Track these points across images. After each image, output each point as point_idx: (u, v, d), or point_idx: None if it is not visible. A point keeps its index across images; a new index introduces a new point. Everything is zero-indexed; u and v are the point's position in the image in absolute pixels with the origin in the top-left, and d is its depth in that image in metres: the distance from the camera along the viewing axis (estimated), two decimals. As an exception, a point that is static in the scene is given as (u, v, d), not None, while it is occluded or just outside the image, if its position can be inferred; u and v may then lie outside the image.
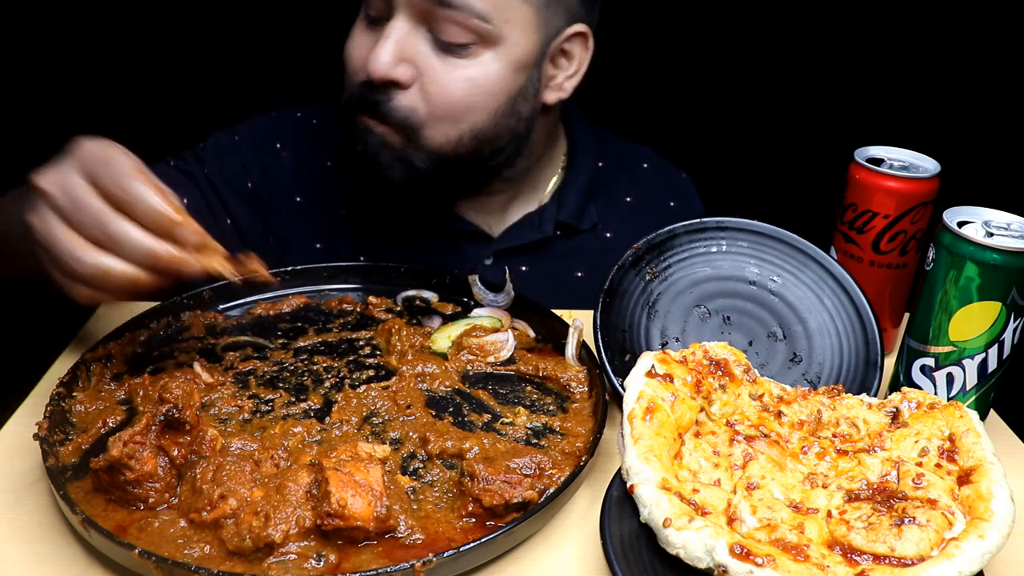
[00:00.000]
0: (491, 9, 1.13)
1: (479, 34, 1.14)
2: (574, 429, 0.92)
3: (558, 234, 1.38)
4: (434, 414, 0.93)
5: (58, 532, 0.77)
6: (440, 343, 1.06)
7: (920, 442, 0.79)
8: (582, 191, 1.39)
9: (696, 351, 0.89)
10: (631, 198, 1.45)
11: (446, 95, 1.16)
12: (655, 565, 0.70)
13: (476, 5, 1.11)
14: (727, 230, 1.07)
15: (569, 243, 1.39)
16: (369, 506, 0.73)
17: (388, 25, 1.14)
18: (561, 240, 1.38)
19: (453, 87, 1.16)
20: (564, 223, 1.37)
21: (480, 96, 1.18)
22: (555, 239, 1.38)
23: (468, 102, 1.17)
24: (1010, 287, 0.88)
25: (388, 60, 1.13)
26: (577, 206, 1.38)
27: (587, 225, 1.39)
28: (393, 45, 1.13)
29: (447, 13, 1.11)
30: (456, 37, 1.13)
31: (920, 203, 1.04)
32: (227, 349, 1.04)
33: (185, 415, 0.79)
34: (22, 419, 0.92)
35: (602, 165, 1.44)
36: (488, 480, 0.77)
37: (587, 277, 1.38)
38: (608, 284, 1.02)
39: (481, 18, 1.12)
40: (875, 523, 0.70)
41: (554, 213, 1.37)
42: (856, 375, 0.99)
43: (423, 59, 1.15)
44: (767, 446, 0.80)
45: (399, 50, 1.14)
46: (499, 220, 1.38)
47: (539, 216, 1.37)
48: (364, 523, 0.72)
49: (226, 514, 0.73)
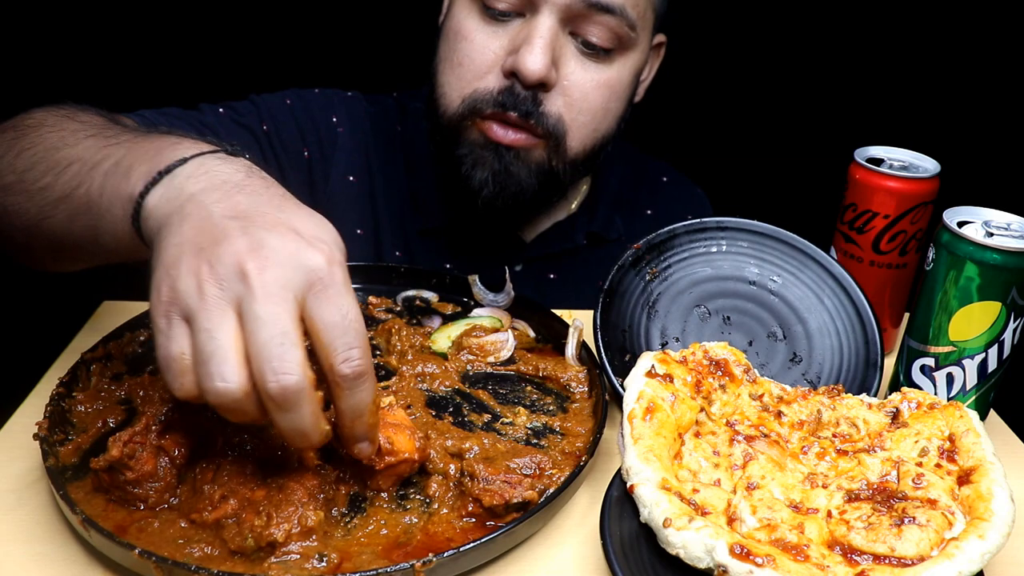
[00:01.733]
0: (637, 17, 1.13)
1: (622, 40, 1.13)
2: (574, 429, 0.92)
3: (586, 243, 1.38)
4: (434, 414, 0.93)
5: (58, 532, 0.77)
6: (440, 343, 1.06)
7: (920, 442, 0.79)
8: (610, 202, 1.40)
9: (696, 351, 0.89)
10: (651, 210, 1.45)
11: (588, 101, 1.13)
12: (655, 565, 0.70)
13: (631, 12, 1.11)
14: (727, 230, 1.07)
15: (596, 253, 1.39)
16: (410, 438, 0.79)
17: (535, 22, 1.08)
18: (587, 250, 1.38)
19: (594, 93, 1.13)
20: (593, 233, 1.38)
21: (614, 102, 1.17)
22: (583, 248, 1.38)
23: (606, 107, 1.16)
24: (1010, 287, 0.88)
25: (547, 61, 1.07)
26: (606, 217, 1.39)
27: (614, 236, 1.39)
28: (547, 45, 1.08)
29: (602, 18, 1.09)
30: (604, 42, 1.11)
31: (920, 203, 1.04)
32: (227, 349, 1.04)
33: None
34: (22, 419, 0.92)
35: (626, 177, 1.44)
36: (488, 480, 0.77)
37: None
38: (608, 284, 1.02)
39: (631, 26, 1.12)
40: (875, 523, 0.70)
41: (585, 223, 1.37)
42: (856, 375, 0.99)
43: (567, 63, 1.12)
44: (767, 446, 0.80)
45: (552, 50, 1.09)
46: (532, 228, 1.37)
47: (570, 225, 1.37)
48: (411, 454, 0.78)
49: (227, 514, 0.73)
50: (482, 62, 1.12)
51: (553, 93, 1.12)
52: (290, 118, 1.29)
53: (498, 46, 1.11)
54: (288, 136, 1.28)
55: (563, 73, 1.12)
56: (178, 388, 0.65)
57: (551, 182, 1.18)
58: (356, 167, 1.32)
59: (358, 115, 1.35)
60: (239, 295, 0.62)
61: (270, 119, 1.27)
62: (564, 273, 1.37)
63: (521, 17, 1.11)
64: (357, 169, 1.32)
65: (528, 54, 1.07)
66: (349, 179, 1.31)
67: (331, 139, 1.32)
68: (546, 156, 1.15)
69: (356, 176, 1.32)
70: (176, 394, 0.65)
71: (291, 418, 0.63)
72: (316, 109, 1.32)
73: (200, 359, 0.62)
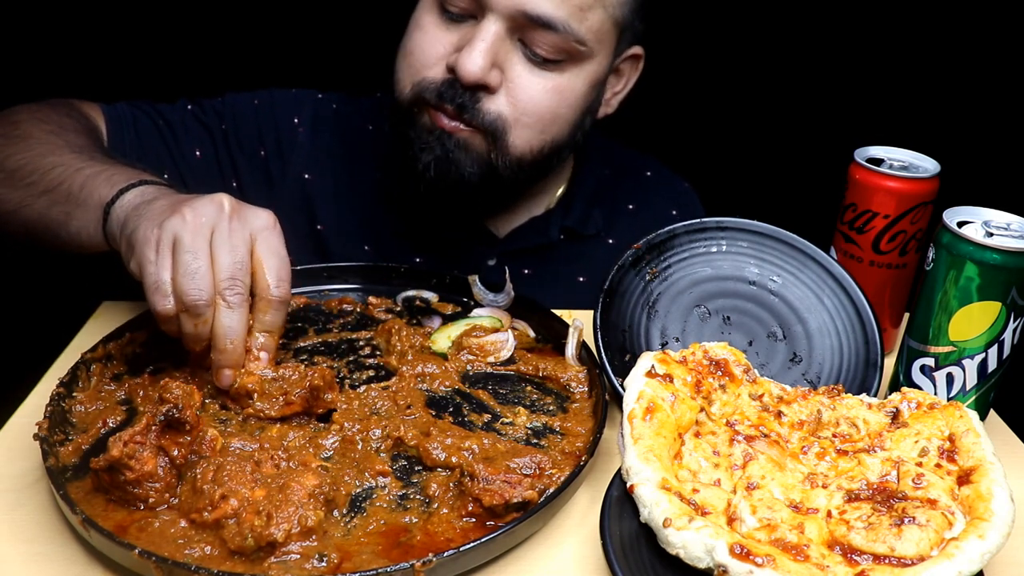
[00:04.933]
0: (588, 33, 1.14)
1: (571, 53, 1.15)
2: (574, 429, 0.92)
3: (562, 239, 1.38)
4: (434, 414, 0.93)
5: (58, 532, 0.77)
6: (440, 343, 1.06)
7: (920, 442, 0.79)
8: (588, 198, 1.40)
9: (696, 351, 0.89)
10: (633, 205, 1.46)
11: (534, 105, 1.16)
12: (655, 565, 0.70)
13: (577, 29, 1.13)
14: (727, 230, 1.07)
15: (572, 248, 1.40)
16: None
17: (480, 27, 1.12)
18: (565, 245, 1.39)
19: (541, 98, 1.16)
20: (569, 228, 1.38)
21: (565, 109, 1.19)
22: (559, 244, 1.38)
23: (554, 113, 1.18)
24: (1010, 287, 0.88)
25: (483, 64, 1.11)
26: (582, 212, 1.39)
27: (591, 231, 1.40)
28: (488, 49, 1.11)
29: (544, 33, 1.12)
30: (550, 54, 1.14)
31: (920, 203, 1.04)
32: (227, 349, 1.04)
33: (185, 415, 0.79)
34: (22, 419, 0.92)
35: (607, 172, 1.45)
36: (488, 480, 0.77)
37: (589, 282, 1.39)
38: (608, 284, 1.02)
39: (579, 41, 1.14)
40: (875, 523, 0.70)
41: (560, 218, 1.38)
42: (856, 375, 0.99)
43: (512, 67, 1.15)
44: (767, 446, 0.80)
45: (493, 55, 1.12)
46: (506, 222, 1.38)
47: (545, 221, 1.38)
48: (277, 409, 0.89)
49: (227, 514, 0.73)
50: (431, 53, 1.17)
51: (498, 94, 1.15)
52: (252, 118, 1.36)
53: (448, 42, 1.16)
54: (245, 135, 1.36)
55: (509, 76, 1.15)
56: (162, 308, 0.86)
57: (492, 176, 1.20)
58: (315, 166, 1.38)
59: (324, 115, 1.40)
60: (214, 226, 0.87)
61: (231, 119, 1.35)
62: (539, 268, 1.37)
63: (474, 19, 1.14)
64: (316, 167, 1.37)
65: (467, 55, 1.11)
66: (305, 176, 1.36)
67: (290, 139, 1.37)
68: (486, 149, 1.18)
69: (313, 174, 1.37)
70: (159, 313, 0.86)
71: (230, 316, 0.87)
72: (281, 109, 1.38)
73: (185, 273, 0.85)
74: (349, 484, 0.81)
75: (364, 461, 0.84)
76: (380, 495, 0.81)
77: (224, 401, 0.91)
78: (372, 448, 0.86)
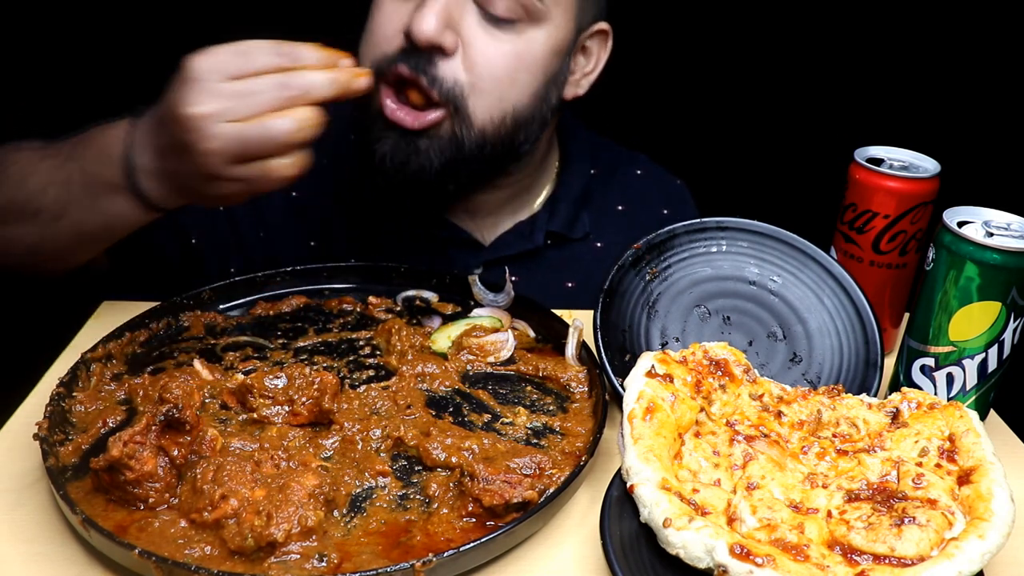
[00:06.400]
0: None
1: (528, 11, 1.12)
2: (574, 429, 0.92)
3: (549, 244, 1.36)
4: (434, 414, 0.93)
5: (58, 532, 0.77)
6: (440, 343, 1.06)
7: (920, 442, 0.79)
8: (574, 200, 1.38)
9: (696, 351, 0.89)
10: (623, 206, 1.43)
11: (491, 67, 1.13)
12: (655, 565, 0.70)
13: None
14: (727, 230, 1.07)
15: (560, 253, 1.37)
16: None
17: None
18: (552, 250, 1.36)
19: (498, 59, 1.13)
20: (555, 233, 1.36)
21: (522, 72, 1.16)
22: (546, 249, 1.36)
23: (512, 76, 1.15)
24: (1010, 287, 0.88)
25: (436, 24, 1.08)
26: (569, 216, 1.37)
27: (579, 235, 1.37)
28: (441, 9, 1.08)
29: None
30: (506, 12, 1.12)
31: (920, 203, 1.04)
32: (227, 349, 1.04)
33: (185, 415, 0.79)
34: (22, 419, 0.92)
35: (594, 173, 1.42)
36: (488, 480, 0.77)
37: (578, 287, 1.36)
38: (608, 284, 1.02)
39: None
40: (875, 523, 0.70)
41: (545, 223, 1.35)
42: (856, 375, 0.99)
43: (468, 29, 1.12)
44: (767, 446, 0.80)
45: (446, 15, 1.09)
46: (491, 229, 1.36)
47: (530, 226, 1.35)
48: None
49: (227, 514, 0.73)
50: (388, 27, 1.14)
51: (454, 58, 1.12)
52: None
53: (404, 12, 1.13)
54: None
55: (465, 37, 1.12)
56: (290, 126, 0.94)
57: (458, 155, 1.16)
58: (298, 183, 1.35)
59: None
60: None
61: None
62: (526, 275, 1.33)
63: None
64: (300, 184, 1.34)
65: (419, 15, 1.08)
66: (292, 195, 1.33)
67: None
68: (451, 128, 1.15)
69: (299, 191, 1.33)
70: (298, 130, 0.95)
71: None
72: None
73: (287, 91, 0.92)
74: (349, 484, 0.81)
75: (364, 461, 0.84)
76: (380, 495, 0.81)
77: (225, 401, 0.91)
78: (372, 448, 0.86)
